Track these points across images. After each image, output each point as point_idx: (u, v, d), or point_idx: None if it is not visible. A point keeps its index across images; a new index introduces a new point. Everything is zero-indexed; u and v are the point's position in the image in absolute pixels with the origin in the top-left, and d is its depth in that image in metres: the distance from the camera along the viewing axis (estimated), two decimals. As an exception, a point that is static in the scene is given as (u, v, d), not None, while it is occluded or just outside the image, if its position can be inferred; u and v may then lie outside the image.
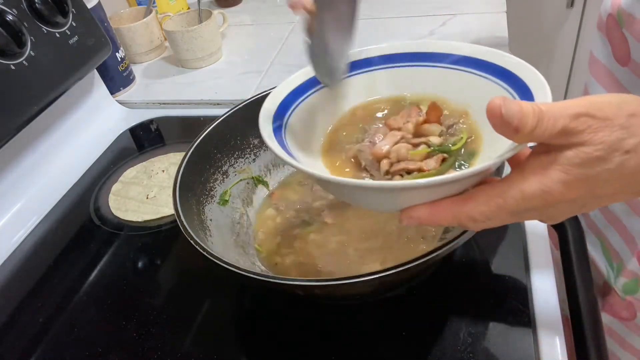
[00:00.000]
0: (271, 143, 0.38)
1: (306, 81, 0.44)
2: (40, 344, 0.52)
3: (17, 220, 0.67)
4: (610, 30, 0.63)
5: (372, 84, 0.45)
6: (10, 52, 0.62)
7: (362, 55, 0.45)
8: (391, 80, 0.45)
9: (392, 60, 0.45)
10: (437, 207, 0.32)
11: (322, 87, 0.44)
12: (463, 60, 0.41)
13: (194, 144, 0.54)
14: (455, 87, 0.42)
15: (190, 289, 0.55)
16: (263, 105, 0.42)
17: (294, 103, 0.43)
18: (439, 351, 0.44)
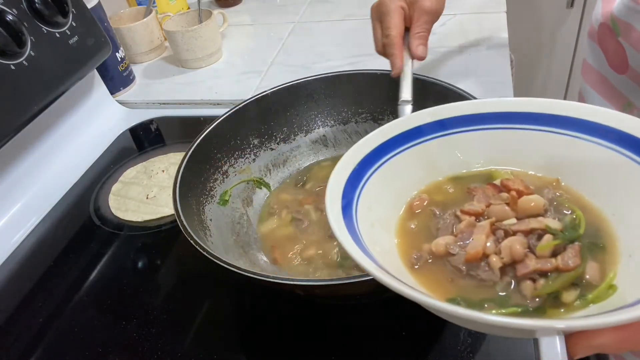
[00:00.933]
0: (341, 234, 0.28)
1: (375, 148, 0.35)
2: (40, 344, 0.52)
3: (17, 220, 0.67)
4: (603, 39, 0.63)
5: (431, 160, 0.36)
6: (10, 52, 0.62)
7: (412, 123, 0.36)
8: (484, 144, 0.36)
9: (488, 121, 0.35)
10: (629, 331, 0.25)
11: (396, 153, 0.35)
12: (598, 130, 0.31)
13: (194, 144, 0.54)
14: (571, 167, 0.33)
15: (190, 289, 0.55)
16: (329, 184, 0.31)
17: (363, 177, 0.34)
18: (439, 351, 0.44)
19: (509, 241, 0.29)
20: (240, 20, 1.13)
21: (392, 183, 0.35)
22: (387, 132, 0.35)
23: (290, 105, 0.62)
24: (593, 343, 0.26)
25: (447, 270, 0.31)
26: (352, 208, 0.31)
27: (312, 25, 1.07)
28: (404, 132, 0.35)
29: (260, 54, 0.97)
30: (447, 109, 0.35)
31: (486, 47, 0.86)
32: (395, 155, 0.35)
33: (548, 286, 0.28)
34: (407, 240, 0.33)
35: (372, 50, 0.59)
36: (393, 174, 0.35)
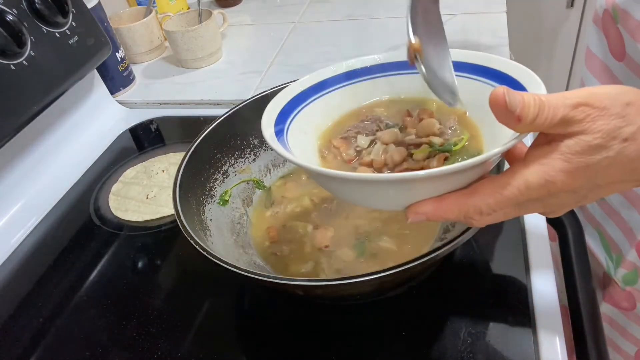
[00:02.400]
0: (273, 143, 0.38)
1: (308, 88, 0.45)
2: (40, 344, 0.52)
3: (17, 220, 0.67)
4: (605, 25, 0.63)
5: (370, 90, 0.46)
6: (10, 52, 0.62)
7: (361, 64, 0.46)
8: (388, 86, 0.46)
9: (388, 69, 0.46)
10: (443, 201, 0.32)
11: (321, 95, 0.45)
12: (458, 66, 0.41)
13: (194, 144, 0.54)
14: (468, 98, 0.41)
15: (190, 289, 0.55)
16: (266, 109, 0.42)
17: (296, 109, 0.44)
18: (439, 351, 0.44)
19: (392, 151, 0.38)
20: (240, 20, 1.14)
21: (328, 108, 0.45)
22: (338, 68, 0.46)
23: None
24: (418, 209, 0.33)
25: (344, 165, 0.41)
26: (286, 122, 0.42)
27: (312, 25, 1.07)
28: (339, 74, 0.46)
29: (260, 54, 0.97)
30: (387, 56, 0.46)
31: (486, 47, 0.86)
32: (331, 91, 0.46)
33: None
34: (327, 140, 0.44)
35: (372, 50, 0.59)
36: (328, 103, 0.45)
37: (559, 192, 0.30)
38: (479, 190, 0.31)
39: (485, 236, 0.53)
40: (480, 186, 0.32)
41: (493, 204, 0.31)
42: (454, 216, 0.32)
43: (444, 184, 0.32)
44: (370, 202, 0.38)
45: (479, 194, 0.31)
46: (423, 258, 0.38)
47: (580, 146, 0.29)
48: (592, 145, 0.29)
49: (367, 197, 0.37)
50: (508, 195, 0.30)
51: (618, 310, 0.68)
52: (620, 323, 0.69)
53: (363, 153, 0.41)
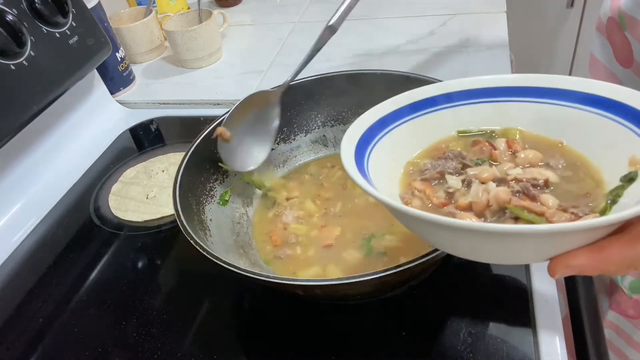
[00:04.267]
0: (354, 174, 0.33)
1: (392, 112, 0.40)
2: (40, 344, 0.52)
3: (17, 220, 0.67)
4: (611, 33, 0.63)
5: (437, 125, 0.41)
6: (10, 52, 0.62)
7: (423, 94, 0.41)
8: (455, 118, 0.41)
9: (455, 99, 0.41)
10: (604, 251, 0.27)
11: (385, 133, 0.40)
12: (579, 98, 0.37)
13: (194, 144, 0.54)
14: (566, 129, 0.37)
15: (190, 289, 0.55)
16: (346, 133, 0.37)
17: (379, 134, 0.39)
18: (439, 351, 0.44)
19: (496, 190, 0.33)
20: (240, 20, 1.13)
21: (402, 143, 0.40)
22: (399, 101, 0.40)
23: (290, 105, 0.62)
24: (570, 263, 0.28)
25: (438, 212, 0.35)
26: (363, 162, 0.36)
27: (312, 25, 1.07)
28: (414, 102, 0.40)
29: (260, 54, 0.97)
30: (455, 83, 0.41)
31: (486, 47, 0.86)
32: (404, 122, 0.40)
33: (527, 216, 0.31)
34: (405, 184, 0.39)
35: (372, 50, 0.59)
36: (403, 137, 0.40)
37: None
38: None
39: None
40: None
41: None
42: (616, 267, 0.28)
43: (597, 234, 0.28)
44: (497, 255, 0.33)
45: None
46: (423, 258, 0.38)
47: None
48: None
49: (495, 251, 0.31)
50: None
51: (624, 318, 0.68)
52: (627, 331, 0.69)
53: (456, 195, 0.35)
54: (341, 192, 0.58)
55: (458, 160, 0.38)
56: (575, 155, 0.36)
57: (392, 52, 0.89)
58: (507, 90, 0.39)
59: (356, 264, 0.50)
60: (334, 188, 0.59)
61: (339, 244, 0.52)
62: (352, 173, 0.33)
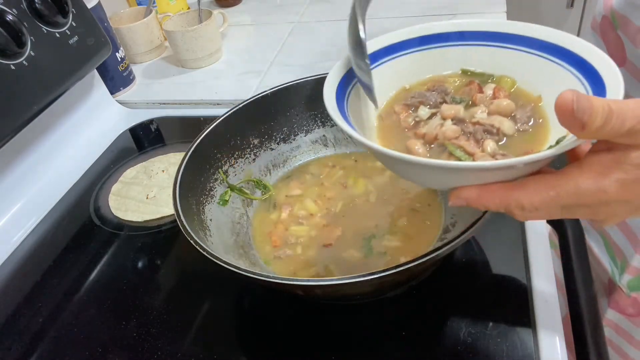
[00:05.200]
0: (335, 116, 0.38)
1: (378, 50, 0.43)
2: (40, 344, 0.52)
3: (17, 220, 0.67)
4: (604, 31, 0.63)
5: (443, 60, 0.44)
6: (10, 52, 0.62)
7: (435, 29, 0.43)
8: (463, 58, 0.43)
9: (466, 38, 0.43)
10: (487, 190, 0.32)
11: (390, 58, 0.44)
12: (540, 45, 0.39)
13: (194, 144, 0.54)
14: (528, 71, 0.40)
15: (190, 289, 0.55)
16: (332, 69, 0.41)
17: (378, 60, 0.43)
18: (439, 351, 0.44)
19: (446, 127, 0.37)
20: (240, 20, 1.14)
21: (405, 70, 0.44)
22: (412, 31, 0.43)
23: (290, 105, 0.62)
24: (461, 194, 0.32)
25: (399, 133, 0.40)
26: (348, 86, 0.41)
27: (312, 25, 1.07)
28: (428, 35, 0.43)
29: (260, 54, 0.97)
30: (471, 23, 0.43)
31: (486, 47, 0.86)
32: (414, 51, 0.44)
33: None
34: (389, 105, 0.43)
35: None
36: (408, 64, 0.44)
37: (611, 201, 0.30)
38: (526, 186, 0.31)
39: (485, 236, 0.53)
40: (528, 182, 0.31)
41: (537, 202, 0.30)
42: (495, 206, 0.32)
43: (493, 175, 0.32)
44: (417, 179, 0.39)
45: (525, 190, 0.31)
46: (423, 258, 0.38)
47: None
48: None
49: (415, 176, 0.37)
50: (555, 196, 0.30)
51: (624, 316, 0.68)
52: (627, 329, 0.69)
53: (421, 124, 0.40)
54: (342, 192, 0.58)
55: (441, 95, 0.41)
56: (542, 114, 0.38)
57: (392, 52, 0.89)
58: (518, 39, 0.41)
59: (356, 264, 0.50)
60: (335, 188, 0.59)
61: (339, 244, 0.53)
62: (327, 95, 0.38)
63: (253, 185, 0.60)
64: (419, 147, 0.37)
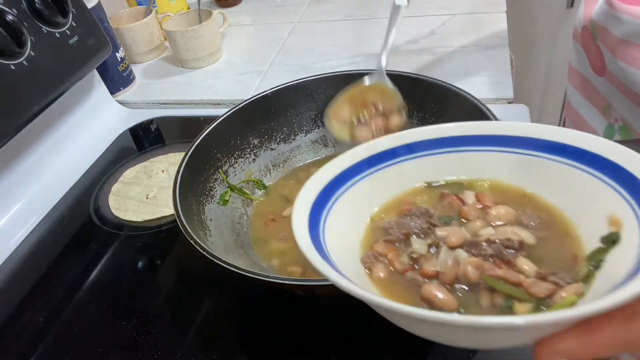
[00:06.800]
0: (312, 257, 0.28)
1: (330, 182, 0.35)
2: (40, 344, 0.52)
3: (17, 220, 0.67)
4: (585, 42, 0.63)
5: (400, 178, 0.37)
6: (10, 52, 0.62)
7: (378, 148, 0.37)
8: (418, 171, 0.37)
9: (416, 149, 0.37)
10: (594, 333, 0.23)
11: (346, 188, 0.36)
12: (555, 149, 0.33)
13: (194, 144, 0.54)
14: (509, 175, 0.35)
15: (190, 289, 0.55)
16: (297, 200, 0.32)
17: (332, 197, 0.35)
18: (439, 351, 0.44)
19: (465, 262, 0.30)
20: (240, 20, 1.14)
21: (363, 200, 0.36)
22: (356, 155, 0.36)
23: (290, 105, 0.62)
24: (558, 348, 0.24)
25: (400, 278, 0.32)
26: (319, 227, 0.32)
27: (312, 25, 1.07)
28: (374, 155, 0.36)
29: (260, 54, 0.97)
30: (413, 134, 0.37)
31: (486, 47, 0.86)
32: (363, 177, 0.36)
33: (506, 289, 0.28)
34: (367, 247, 0.34)
35: (372, 50, 0.59)
36: (363, 192, 0.36)
37: None
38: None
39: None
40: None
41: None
42: (610, 351, 0.24)
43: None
44: (472, 341, 0.29)
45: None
46: (423, 258, 0.37)
47: None
48: None
49: (460, 339, 0.28)
50: None
51: None
52: None
53: (421, 260, 0.32)
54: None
55: (425, 218, 0.34)
56: (549, 210, 0.33)
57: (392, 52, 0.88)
58: (471, 139, 0.36)
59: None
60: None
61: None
62: (307, 250, 0.28)
63: (253, 185, 0.60)
64: (444, 295, 0.29)
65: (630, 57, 0.53)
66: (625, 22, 0.53)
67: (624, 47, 0.54)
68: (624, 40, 0.54)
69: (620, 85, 0.57)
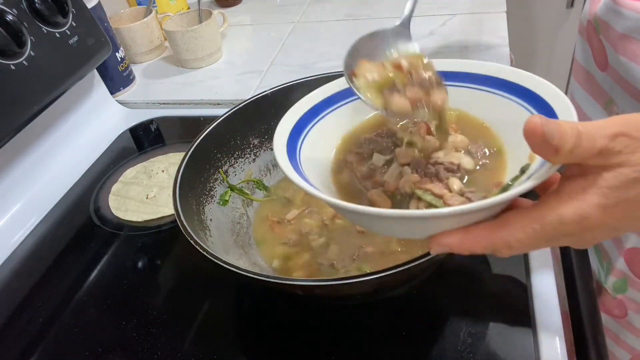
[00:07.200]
0: (288, 170, 0.35)
1: (320, 102, 0.43)
2: (40, 344, 0.52)
3: (17, 220, 0.67)
4: (589, 36, 0.64)
5: None
6: (10, 52, 0.62)
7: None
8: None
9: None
10: (470, 234, 0.30)
11: (332, 109, 0.43)
12: (482, 79, 0.39)
13: (194, 144, 0.54)
14: (474, 107, 0.40)
15: (190, 289, 0.55)
16: (276, 130, 0.39)
17: (308, 125, 0.42)
18: (439, 351, 0.44)
19: (407, 176, 0.37)
20: (240, 20, 1.14)
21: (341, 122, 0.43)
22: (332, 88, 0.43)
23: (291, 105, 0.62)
24: (442, 241, 0.31)
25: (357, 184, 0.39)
26: (297, 142, 0.39)
27: (312, 25, 1.07)
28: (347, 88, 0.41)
29: (260, 54, 0.97)
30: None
31: (486, 47, 0.86)
32: (338, 107, 0.43)
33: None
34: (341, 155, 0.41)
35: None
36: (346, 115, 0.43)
37: (594, 227, 0.29)
38: (510, 224, 0.29)
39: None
40: (510, 219, 0.30)
41: (524, 238, 0.29)
42: (481, 249, 0.31)
43: (471, 218, 0.30)
44: (390, 231, 0.37)
45: (509, 228, 0.29)
46: (423, 258, 0.38)
47: (619, 180, 0.27)
48: (631, 179, 0.27)
49: (387, 228, 0.35)
50: (540, 230, 0.29)
51: (611, 318, 0.68)
52: (614, 331, 0.69)
53: (377, 172, 0.39)
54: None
55: (392, 139, 0.41)
56: (496, 142, 0.39)
57: (392, 52, 0.89)
58: (447, 75, 0.40)
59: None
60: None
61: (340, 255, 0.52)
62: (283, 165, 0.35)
63: (253, 185, 0.60)
64: (383, 198, 0.36)
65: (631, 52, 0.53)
66: (627, 17, 0.53)
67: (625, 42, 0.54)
68: (625, 35, 0.54)
69: (622, 80, 0.57)
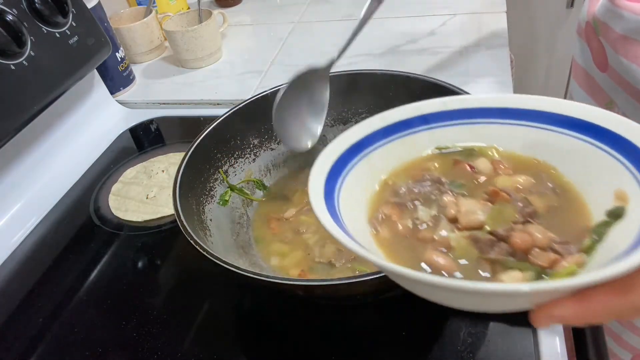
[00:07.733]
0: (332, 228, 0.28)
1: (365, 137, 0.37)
2: (40, 344, 0.52)
3: (17, 220, 0.67)
4: (588, 37, 0.64)
5: (415, 146, 0.38)
6: (10, 52, 0.62)
7: (395, 117, 0.38)
8: (430, 139, 0.38)
9: (430, 121, 0.38)
10: (591, 302, 0.25)
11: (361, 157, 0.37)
12: (568, 123, 0.34)
13: (194, 144, 0.54)
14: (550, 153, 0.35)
15: (190, 289, 0.55)
16: (313, 169, 0.33)
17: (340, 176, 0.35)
18: (439, 351, 0.44)
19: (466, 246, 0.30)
20: (240, 20, 1.14)
21: (376, 167, 0.37)
22: (372, 125, 0.37)
23: (290, 105, 0.62)
24: (553, 312, 0.26)
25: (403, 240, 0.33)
26: (334, 193, 0.33)
27: (312, 25, 1.07)
28: (389, 125, 0.37)
29: (260, 54, 0.97)
30: (429, 105, 0.37)
31: (486, 47, 0.86)
32: (379, 146, 0.37)
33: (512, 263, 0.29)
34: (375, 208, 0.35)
35: (372, 50, 0.59)
36: (378, 160, 0.37)
37: None
38: (638, 286, 0.25)
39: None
40: (638, 280, 0.25)
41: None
42: (603, 319, 0.26)
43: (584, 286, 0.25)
44: (471, 306, 0.29)
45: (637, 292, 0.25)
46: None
47: None
48: None
49: (472, 303, 0.28)
50: None
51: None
52: (615, 331, 0.69)
53: (423, 227, 0.33)
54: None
55: (434, 185, 0.35)
56: (560, 181, 0.34)
57: (392, 52, 0.89)
58: (484, 112, 0.37)
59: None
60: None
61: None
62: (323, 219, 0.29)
63: (253, 185, 0.60)
64: (445, 260, 0.30)
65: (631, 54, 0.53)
66: (626, 19, 0.53)
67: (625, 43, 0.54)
68: (624, 36, 0.54)
69: (622, 81, 0.57)
